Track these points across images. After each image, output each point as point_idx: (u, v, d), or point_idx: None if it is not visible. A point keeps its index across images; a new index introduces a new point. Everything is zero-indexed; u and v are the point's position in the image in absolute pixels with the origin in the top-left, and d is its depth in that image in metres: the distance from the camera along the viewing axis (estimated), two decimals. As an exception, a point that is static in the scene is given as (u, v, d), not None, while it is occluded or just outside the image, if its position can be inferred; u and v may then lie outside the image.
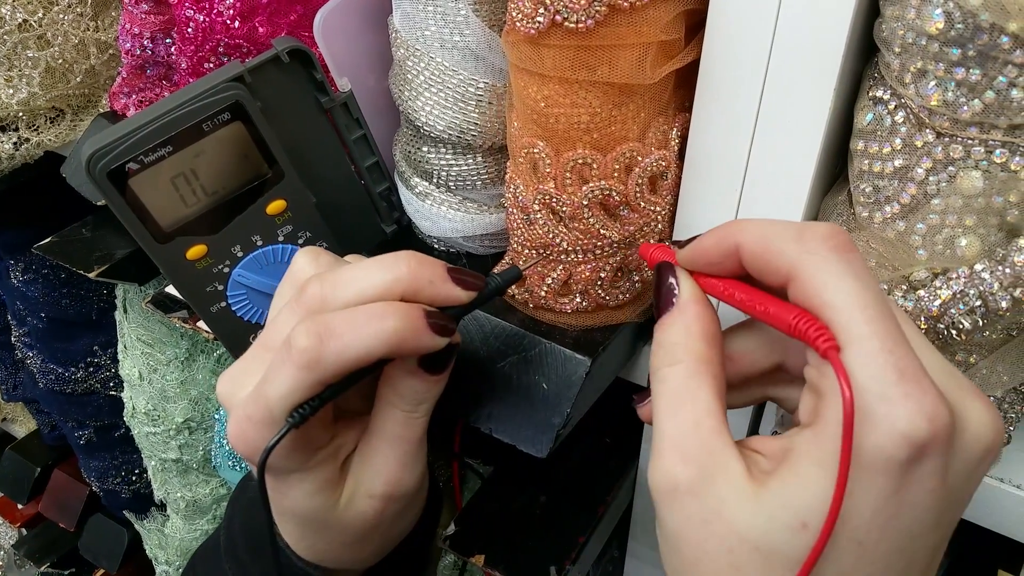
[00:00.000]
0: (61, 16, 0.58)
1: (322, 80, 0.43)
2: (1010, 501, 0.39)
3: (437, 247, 0.49)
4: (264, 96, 0.41)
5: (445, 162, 0.44)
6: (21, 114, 0.62)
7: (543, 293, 0.41)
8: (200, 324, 0.57)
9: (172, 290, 0.60)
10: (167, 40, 0.54)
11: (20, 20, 0.57)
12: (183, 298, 0.43)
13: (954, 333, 0.33)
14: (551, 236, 0.39)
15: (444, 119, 0.42)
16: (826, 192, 0.39)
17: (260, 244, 0.43)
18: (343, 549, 0.36)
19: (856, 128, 0.35)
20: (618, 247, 0.39)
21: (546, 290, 0.41)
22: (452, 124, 0.42)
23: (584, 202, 0.37)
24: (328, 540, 0.36)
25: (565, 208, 0.38)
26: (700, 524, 0.25)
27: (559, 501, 0.58)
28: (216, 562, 0.40)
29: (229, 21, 0.46)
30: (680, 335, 0.28)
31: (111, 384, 0.92)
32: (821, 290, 0.25)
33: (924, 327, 0.33)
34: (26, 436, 1.24)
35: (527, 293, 0.42)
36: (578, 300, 0.41)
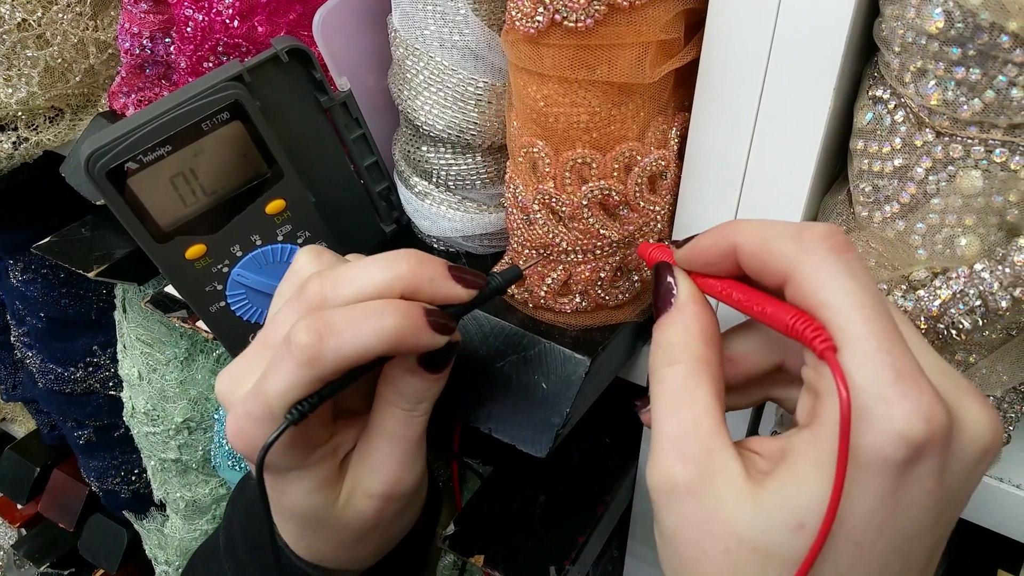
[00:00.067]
0: (60, 15, 0.58)
1: (321, 79, 0.43)
2: (1010, 501, 0.39)
3: (436, 247, 0.49)
4: (263, 95, 0.41)
5: (444, 161, 0.44)
6: (20, 113, 0.62)
7: (543, 293, 0.41)
8: (199, 324, 0.57)
9: (171, 290, 0.60)
10: (166, 39, 0.54)
11: (19, 19, 0.57)
12: (182, 298, 0.43)
13: (954, 333, 0.33)
14: (551, 236, 0.39)
15: (443, 118, 0.42)
16: (826, 191, 0.39)
17: (259, 244, 0.43)
18: (342, 548, 0.36)
19: (856, 127, 0.35)
20: (617, 247, 0.39)
21: (546, 290, 0.41)
22: (451, 123, 0.42)
23: (583, 202, 0.37)
24: (327, 539, 0.36)
25: (565, 208, 0.38)
26: (698, 524, 0.25)
27: (559, 501, 0.58)
28: (215, 562, 0.40)
29: (228, 20, 0.46)
30: (679, 335, 0.28)
31: (110, 384, 0.92)
32: (818, 290, 0.25)
33: (924, 327, 0.33)
34: (25, 436, 1.24)
35: (527, 293, 0.42)
36: (578, 300, 0.41)
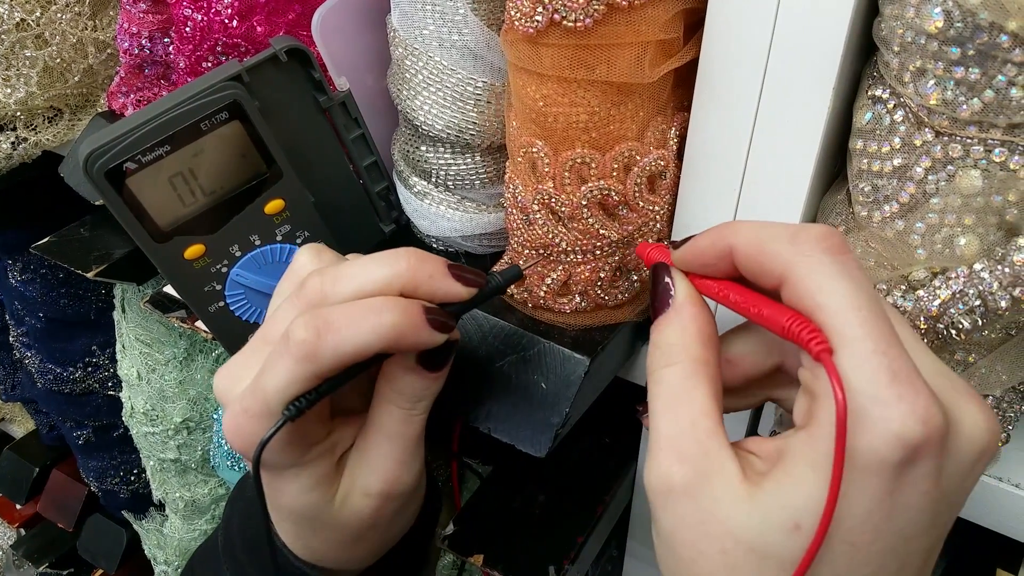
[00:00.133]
0: (59, 15, 0.58)
1: (320, 79, 0.43)
2: (1008, 500, 0.39)
3: (436, 247, 0.49)
4: (262, 95, 0.41)
5: (444, 161, 0.44)
6: (19, 113, 0.62)
7: (542, 293, 0.41)
8: (198, 324, 0.57)
9: (170, 290, 0.60)
10: (165, 39, 0.54)
11: (18, 19, 0.56)
12: (181, 298, 0.43)
13: (953, 333, 0.33)
14: (550, 236, 0.39)
15: (442, 118, 0.42)
16: (825, 191, 0.39)
17: (258, 244, 0.43)
18: (339, 548, 0.36)
19: (855, 127, 0.35)
20: (617, 247, 0.39)
21: (545, 290, 0.41)
22: (450, 123, 0.42)
23: (583, 202, 0.37)
24: (324, 538, 0.36)
25: (564, 208, 0.38)
26: (695, 524, 0.25)
27: (558, 500, 0.58)
28: (214, 563, 0.40)
29: (227, 20, 0.46)
30: (676, 336, 0.28)
31: (109, 384, 0.92)
32: (815, 292, 0.25)
33: (923, 327, 0.33)
34: (24, 436, 1.24)
35: (526, 293, 0.42)
36: (577, 300, 0.41)
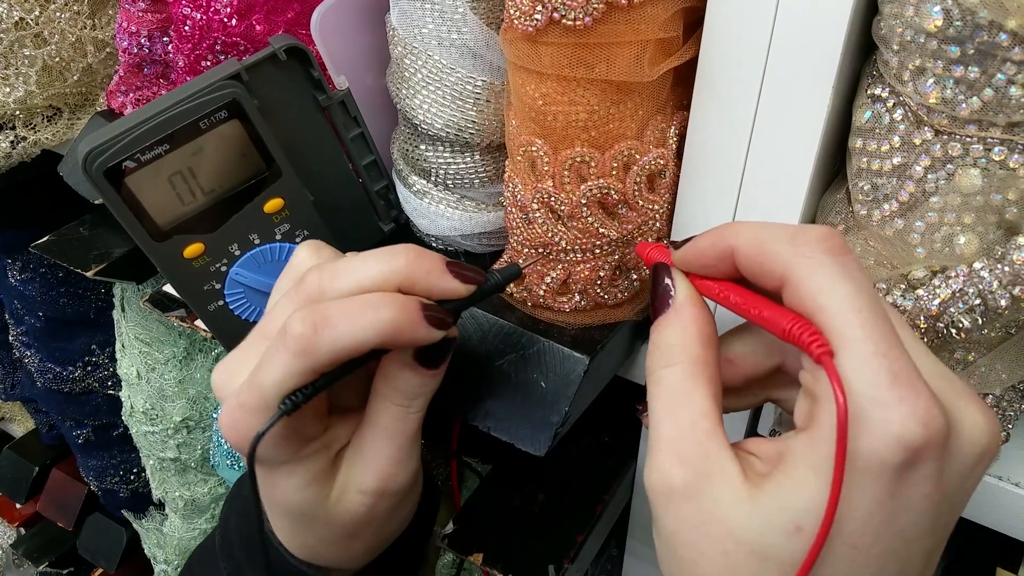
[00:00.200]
0: (58, 14, 0.58)
1: (319, 78, 0.43)
2: (1009, 499, 0.39)
3: (435, 245, 0.49)
4: (261, 94, 0.41)
5: (443, 160, 0.44)
6: (18, 112, 0.62)
7: (542, 292, 0.41)
8: (198, 323, 0.57)
9: (170, 289, 0.60)
10: (164, 38, 0.54)
11: (17, 18, 0.56)
12: (181, 297, 0.43)
13: (953, 332, 0.33)
14: (550, 235, 0.39)
15: (442, 117, 0.42)
16: (825, 190, 0.39)
17: (258, 242, 0.43)
18: (335, 545, 0.36)
19: (854, 126, 0.35)
20: (616, 246, 0.39)
21: (545, 289, 0.41)
22: (450, 122, 0.42)
23: (583, 201, 0.37)
24: (319, 536, 0.36)
25: (564, 207, 0.37)
26: (696, 526, 0.25)
27: (557, 499, 0.58)
28: (213, 562, 0.40)
29: (226, 19, 0.46)
30: (676, 337, 0.28)
31: (109, 383, 0.92)
32: (815, 293, 0.24)
33: (923, 326, 0.33)
34: (24, 435, 1.24)
35: (526, 291, 0.42)
36: (577, 299, 0.41)
